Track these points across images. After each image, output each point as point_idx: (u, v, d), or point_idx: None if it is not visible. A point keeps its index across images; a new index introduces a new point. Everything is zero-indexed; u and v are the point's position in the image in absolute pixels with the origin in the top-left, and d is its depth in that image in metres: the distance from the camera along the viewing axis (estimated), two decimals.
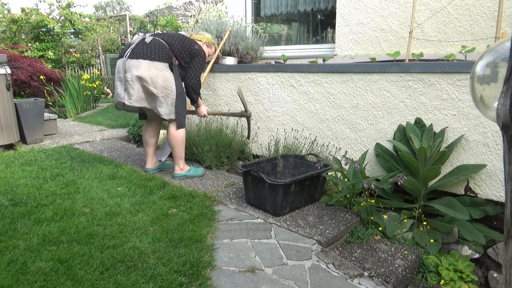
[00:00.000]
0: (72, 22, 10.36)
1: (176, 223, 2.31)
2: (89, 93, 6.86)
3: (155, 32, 3.22)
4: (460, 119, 2.46)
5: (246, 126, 3.45)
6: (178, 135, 3.09)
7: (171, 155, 3.63)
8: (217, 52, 3.61)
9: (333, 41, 3.87)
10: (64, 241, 2.06)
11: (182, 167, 3.20)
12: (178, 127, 3.07)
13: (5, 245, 2.01)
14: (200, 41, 3.27)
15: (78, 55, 12.00)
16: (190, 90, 3.11)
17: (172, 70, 2.99)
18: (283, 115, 3.40)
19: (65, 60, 10.81)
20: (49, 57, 9.94)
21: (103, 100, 8.64)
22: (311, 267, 1.96)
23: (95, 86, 7.30)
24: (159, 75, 2.90)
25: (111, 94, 9.34)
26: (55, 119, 4.86)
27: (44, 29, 10.04)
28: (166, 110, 2.97)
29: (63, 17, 10.43)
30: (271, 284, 1.79)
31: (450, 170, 2.52)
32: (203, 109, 3.31)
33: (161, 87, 2.91)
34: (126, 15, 13.22)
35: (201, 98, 3.28)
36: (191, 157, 3.64)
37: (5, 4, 11.20)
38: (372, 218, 2.49)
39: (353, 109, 2.94)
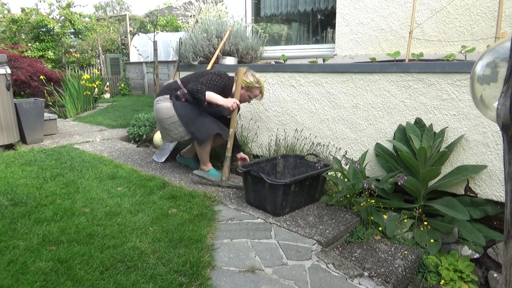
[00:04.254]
0: (72, 22, 10.36)
1: (176, 223, 2.31)
2: (89, 93, 6.86)
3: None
4: (460, 119, 2.46)
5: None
6: (201, 147, 3.11)
7: (169, 157, 3.65)
8: (263, 92, 3.19)
9: (333, 41, 3.87)
10: (64, 241, 2.06)
11: (203, 168, 3.25)
12: (200, 143, 3.03)
13: (5, 245, 2.01)
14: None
15: (78, 55, 12.01)
16: (193, 95, 2.94)
17: (171, 98, 3.03)
18: (283, 115, 3.40)
19: (65, 60, 10.82)
20: (49, 57, 9.94)
21: (103, 100, 8.64)
22: (311, 267, 1.96)
23: (95, 86, 7.30)
24: (157, 109, 3.07)
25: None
26: (55, 119, 4.86)
27: (44, 29, 10.04)
28: (178, 135, 3.08)
29: (63, 17, 10.43)
30: (271, 284, 1.79)
31: (450, 170, 2.52)
32: (225, 102, 2.92)
33: (161, 119, 3.06)
34: (126, 15, 13.23)
35: (212, 91, 2.96)
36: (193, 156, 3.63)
37: (5, 4, 11.21)
38: (372, 218, 2.49)
39: (353, 109, 2.94)
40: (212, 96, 2.91)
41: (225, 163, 3.04)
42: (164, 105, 3.04)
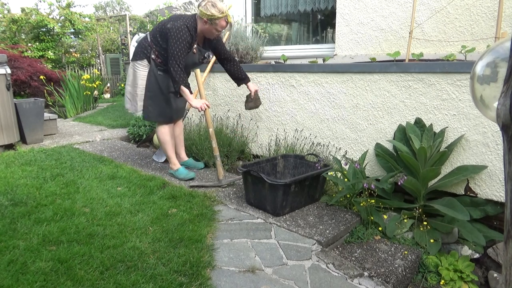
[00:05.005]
0: (72, 22, 10.34)
1: (176, 223, 2.31)
2: (89, 93, 6.86)
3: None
4: (460, 119, 2.46)
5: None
6: (158, 133, 3.15)
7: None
8: (229, 21, 2.88)
9: (333, 41, 3.87)
10: (64, 241, 2.06)
11: (171, 166, 3.22)
12: (158, 124, 3.11)
13: (5, 245, 2.01)
14: (202, 18, 2.83)
15: (78, 55, 11.99)
16: (171, 79, 2.89)
17: (149, 62, 3.01)
18: (283, 115, 3.39)
19: (65, 60, 10.80)
20: (49, 57, 9.93)
21: (103, 100, 8.64)
22: (311, 267, 1.96)
23: (95, 86, 7.30)
24: (131, 74, 3.08)
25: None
26: (55, 119, 4.86)
27: (44, 29, 10.03)
28: (131, 106, 3.15)
29: (63, 17, 10.42)
30: (271, 284, 1.79)
31: (450, 170, 2.52)
32: (195, 103, 2.88)
33: (131, 85, 3.10)
34: (126, 15, 13.21)
35: (188, 89, 2.89)
36: (190, 156, 3.63)
37: (5, 4, 11.19)
38: (372, 218, 2.49)
39: (353, 109, 2.94)
40: (185, 93, 2.88)
41: (217, 163, 3.02)
42: (139, 72, 3.03)
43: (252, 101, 3.20)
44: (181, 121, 3.42)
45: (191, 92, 2.96)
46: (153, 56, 2.96)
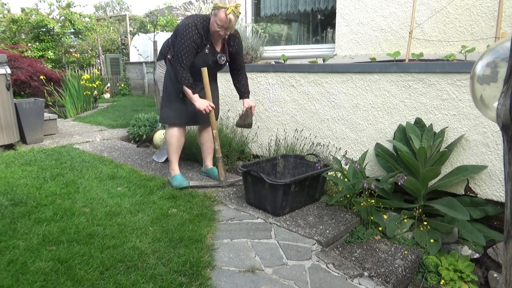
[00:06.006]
0: (72, 22, 10.35)
1: (176, 223, 2.31)
2: (89, 93, 6.86)
3: None
4: (460, 119, 2.46)
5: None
6: (166, 133, 3.05)
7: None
8: (227, 15, 2.60)
9: (333, 41, 3.87)
10: (64, 241, 2.06)
11: (169, 170, 3.07)
12: (169, 125, 3.05)
13: (5, 245, 2.01)
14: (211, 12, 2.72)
15: (78, 55, 12.00)
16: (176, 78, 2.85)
17: (166, 63, 3.02)
18: (283, 115, 3.40)
19: (65, 60, 10.81)
20: (49, 57, 9.94)
21: (103, 100, 8.64)
22: (311, 267, 1.96)
23: (95, 86, 7.30)
24: (155, 75, 3.15)
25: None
26: (55, 119, 4.86)
27: (44, 29, 10.04)
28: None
29: (63, 17, 10.43)
30: (271, 284, 1.79)
31: (450, 170, 2.52)
32: (198, 104, 2.78)
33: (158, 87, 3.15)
34: (126, 15, 13.21)
35: (190, 89, 2.77)
36: (190, 157, 3.63)
37: (5, 4, 11.20)
38: (372, 218, 2.49)
39: (353, 109, 2.94)
40: (187, 93, 2.81)
41: (219, 164, 2.98)
42: (158, 72, 3.13)
43: (241, 118, 2.99)
44: (209, 127, 3.10)
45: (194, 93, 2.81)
46: (169, 56, 2.90)
